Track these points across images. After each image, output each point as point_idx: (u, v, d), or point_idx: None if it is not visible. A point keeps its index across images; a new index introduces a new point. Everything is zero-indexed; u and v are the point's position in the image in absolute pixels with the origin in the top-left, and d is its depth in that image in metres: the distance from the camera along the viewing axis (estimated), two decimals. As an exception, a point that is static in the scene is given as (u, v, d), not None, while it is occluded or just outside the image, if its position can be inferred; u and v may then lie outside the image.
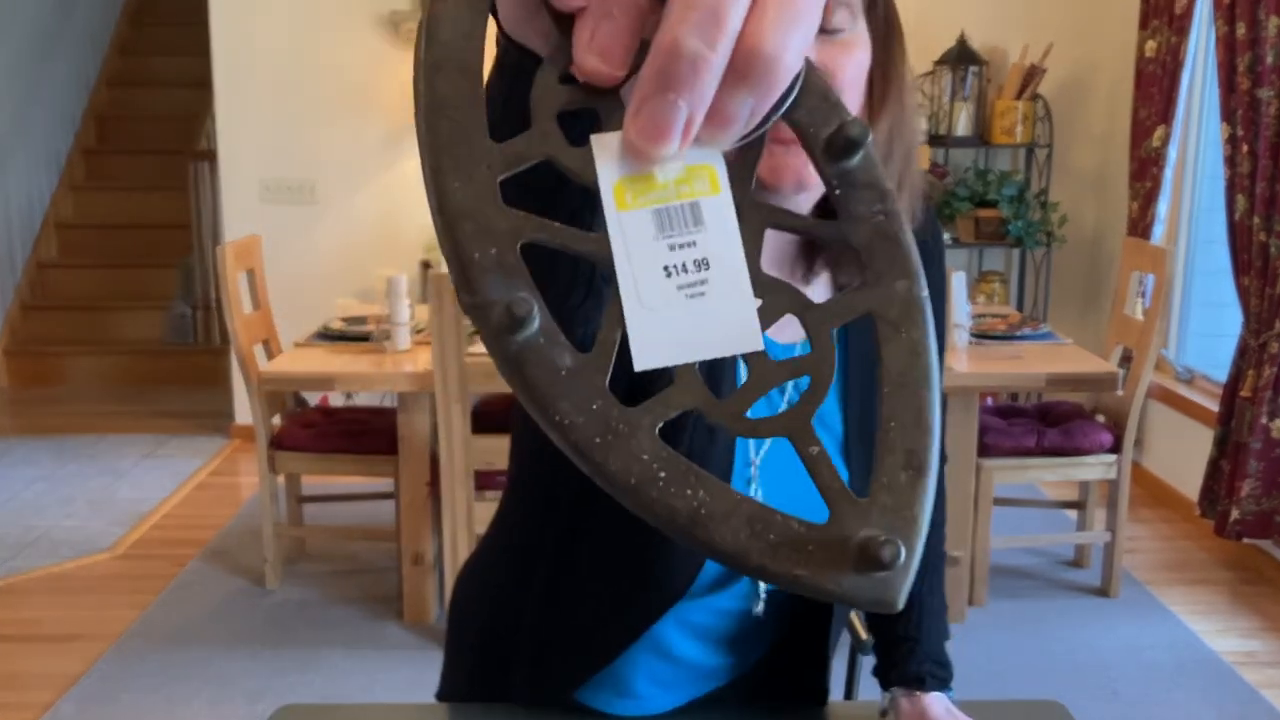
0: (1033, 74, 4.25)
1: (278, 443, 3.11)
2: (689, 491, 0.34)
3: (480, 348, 2.87)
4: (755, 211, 0.37)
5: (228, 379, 4.93)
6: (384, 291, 3.01)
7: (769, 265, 0.93)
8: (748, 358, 0.36)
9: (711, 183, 0.36)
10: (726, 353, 0.35)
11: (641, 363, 0.35)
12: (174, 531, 3.75)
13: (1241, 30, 3.26)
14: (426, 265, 4.31)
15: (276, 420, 3.23)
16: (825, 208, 0.92)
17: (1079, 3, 4.42)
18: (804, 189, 0.88)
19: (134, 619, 3.08)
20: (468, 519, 2.74)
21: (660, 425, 0.35)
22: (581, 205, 0.40)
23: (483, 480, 2.87)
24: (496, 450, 2.70)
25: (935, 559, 1.13)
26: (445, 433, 2.68)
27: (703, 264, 0.35)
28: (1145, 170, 3.97)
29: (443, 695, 1.17)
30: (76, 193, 6.49)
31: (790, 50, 0.33)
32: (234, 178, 4.55)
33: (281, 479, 3.30)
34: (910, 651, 1.08)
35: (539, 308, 0.34)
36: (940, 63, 4.29)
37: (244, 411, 4.63)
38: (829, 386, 0.36)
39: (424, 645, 2.92)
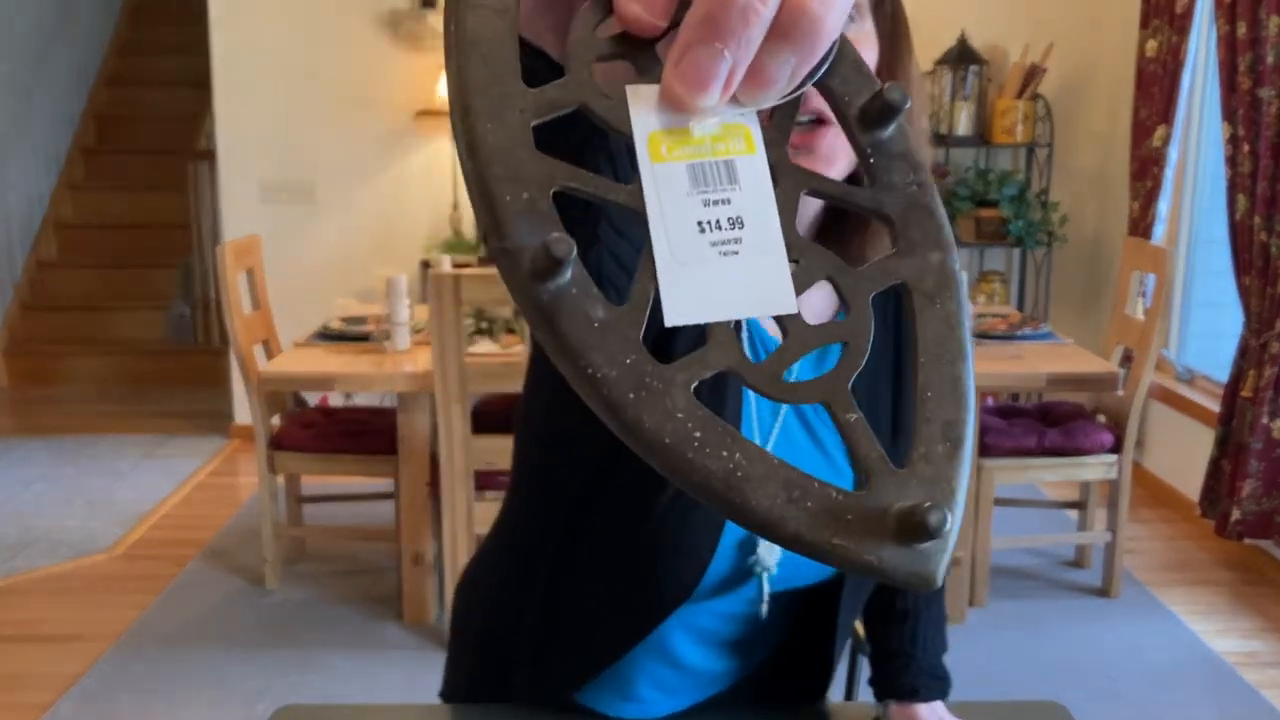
0: (1033, 73, 4.25)
1: (277, 443, 3.10)
2: (725, 453, 0.33)
3: (480, 348, 2.86)
4: (791, 174, 0.36)
5: (227, 379, 4.93)
6: (383, 291, 3.01)
7: None
8: (783, 321, 0.35)
9: (747, 142, 0.35)
10: (759, 313, 0.34)
11: (673, 318, 0.34)
12: (174, 532, 3.75)
13: (1242, 30, 3.26)
14: (426, 265, 4.31)
15: (276, 420, 3.22)
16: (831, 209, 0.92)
17: (1080, 2, 4.42)
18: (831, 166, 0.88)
19: (134, 619, 3.08)
20: (467, 519, 2.74)
21: (695, 384, 0.33)
22: (601, 167, 0.40)
23: (483, 480, 2.86)
24: (496, 450, 2.70)
25: None
26: (445, 433, 2.68)
27: (737, 222, 0.34)
28: (1146, 170, 3.97)
29: (445, 693, 1.17)
30: (76, 192, 6.49)
31: (835, 11, 0.33)
32: (233, 177, 4.54)
33: (281, 479, 3.30)
34: (905, 665, 1.08)
35: (575, 252, 0.32)
36: (941, 62, 4.29)
37: (243, 411, 4.63)
38: (866, 352, 0.35)
39: (424, 645, 2.92)
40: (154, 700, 2.66)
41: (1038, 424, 3.16)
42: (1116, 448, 3.09)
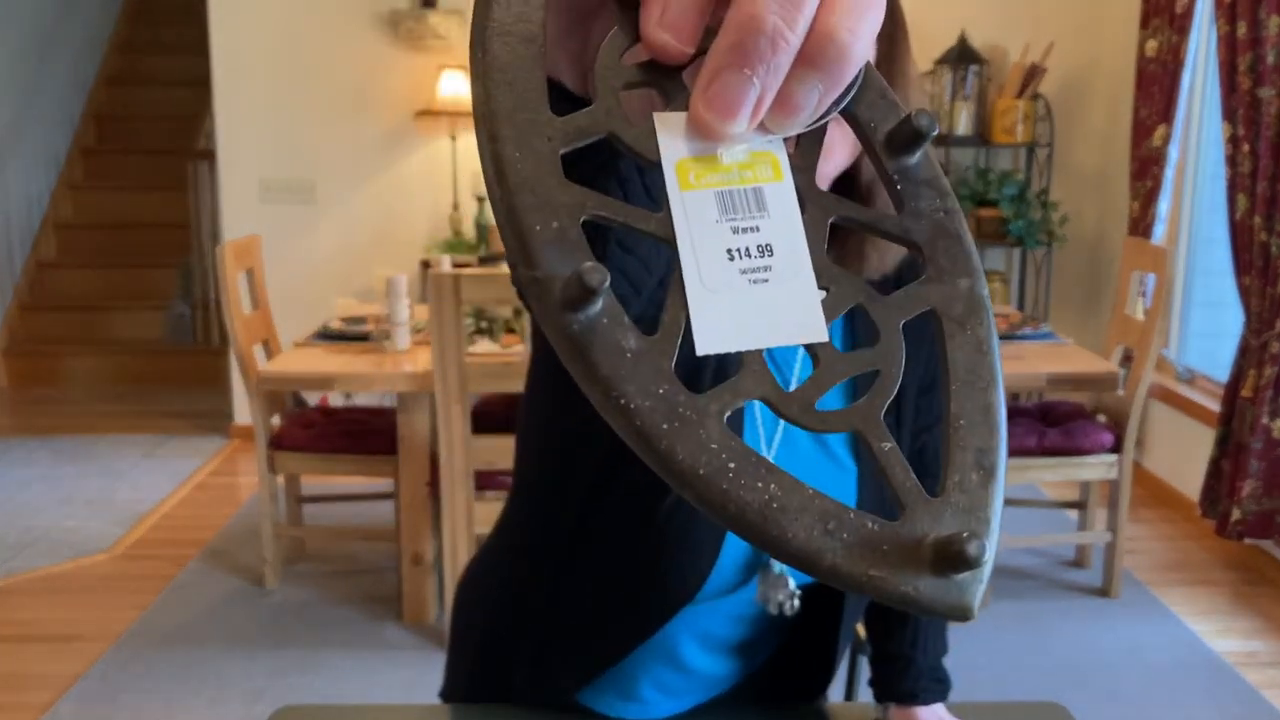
0: (1033, 73, 4.24)
1: (277, 443, 3.10)
2: (760, 484, 0.32)
3: (480, 348, 2.86)
4: (818, 201, 0.36)
5: (227, 379, 4.93)
6: (383, 291, 3.01)
7: None
8: (814, 349, 0.35)
9: (775, 170, 0.35)
10: (790, 341, 0.34)
11: (704, 347, 0.33)
12: (173, 532, 3.75)
13: (1242, 29, 3.26)
14: (426, 265, 4.31)
15: (276, 420, 3.22)
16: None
17: (1080, 2, 4.42)
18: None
19: (133, 619, 3.08)
20: (467, 519, 2.74)
21: (729, 414, 0.33)
22: (612, 190, 0.40)
23: (482, 480, 2.86)
24: (496, 450, 2.70)
25: None
26: (445, 433, 2.68)
27: (766, 250, 0.34)
28: (1146, 170, 3.97)
29: (446, 693, 1.16)
30: (75, 192, 6.49)
31: (861, 39, 0.33)
32: (233, 177, 4.54)
33: (281, 479, 3.30)
34: (904, 669, 1.08)
35: (608, 281, 0.32)
36: (941, 62, 4.29)
37: (243, 411, 4.63)
38: (898, 380, 0.35)
39: (423, 645, 2.91)
40: (153, 700, 2.66)
41: (1038, 424, 3.16)
42: (1117, 448, 3.09)
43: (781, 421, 0.95)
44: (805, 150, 0.37)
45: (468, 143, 4.41)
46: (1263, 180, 3.21)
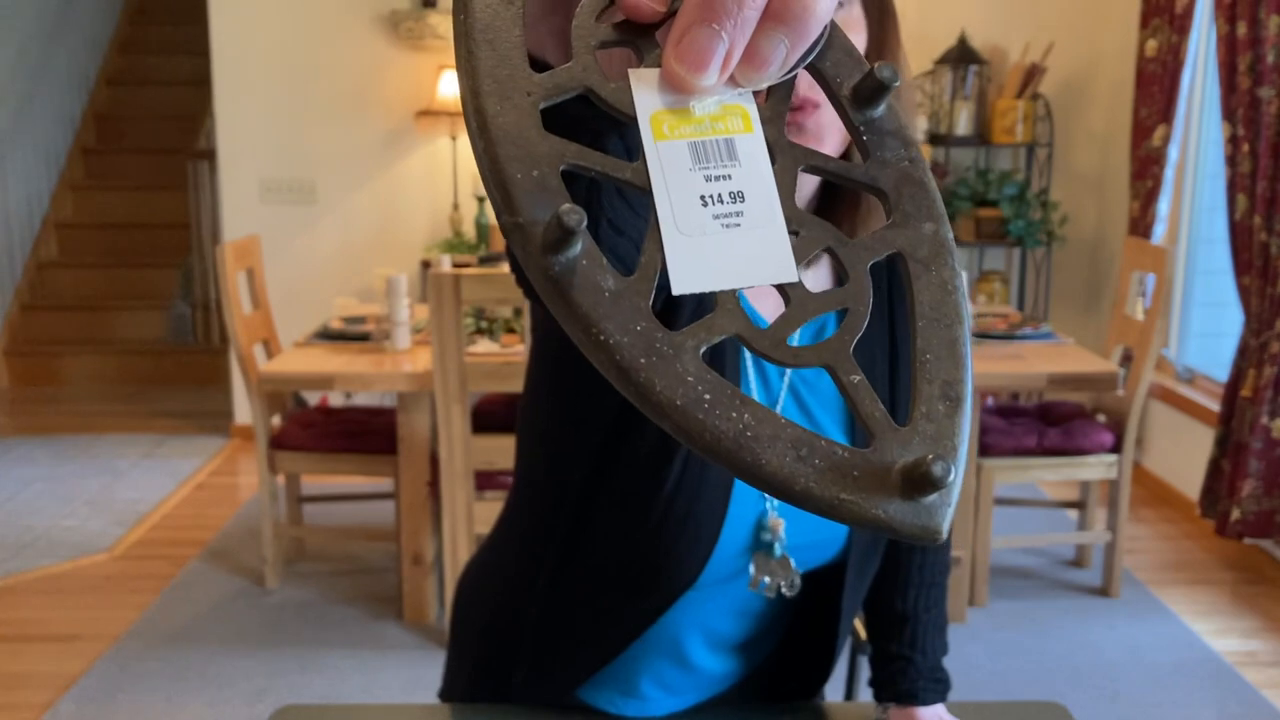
0: (1033, 73, 4.25)
1: (277, 443, 3.10)
2: (734, 414, 0.34)
3: (480, 348, 2.86)
4: (788, 152, 0.38)
5: (227, 379, 4.93)
6: (383, 291, 3.01)
7: None
8: (786, 289, 0.36)
9: (745, 122, 0.37)
10: (762, 282, 0.36)
11: (680, 287, 0.35)
12: (173, 531, 3.75)
13: (1242, 29, 3.26)
14: (426, 265, 4.31)
15: (276, 420, 3.22)
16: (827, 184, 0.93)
17: (1080, 2, 4.42)
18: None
19: (134, 619, 3.08)
20: (468, 519, 2.74)
21: (703, 349, 0.35)
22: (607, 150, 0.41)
23: (482, 480, 2.87)
24: (496, 450, 2.70)
25: (938, 574, 1.12)
26: (445, 432, 2.68)
27: (738, 196, 0.36)
28: (1146, 170, 3.97)
29: (445, 693, 1.16)
30: (76, 192, 6.49)
31: None
32: (233, 177, 4.55)
33: (281, 479, 3.30)
34: (904, 669, 1.08)
35: (586, 223, 0.34)
36: (941, 62, 4.29)
37: (244, 411, 4.63)
38: (866, 317, 0.37)
39: (424, 645, 2.92)
40: (154, 700, 2.66)
41: (1038, 424, 3.16)
42: (1116, 447, 3.09)
43: (779, 409, 0.95)
44: (775, 102, 0.38)
45: (468, 143, 4.41)
46: (1262, 180, 3.21)
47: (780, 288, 0.36)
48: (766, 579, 0.95)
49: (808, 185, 0.93)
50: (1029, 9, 4.40)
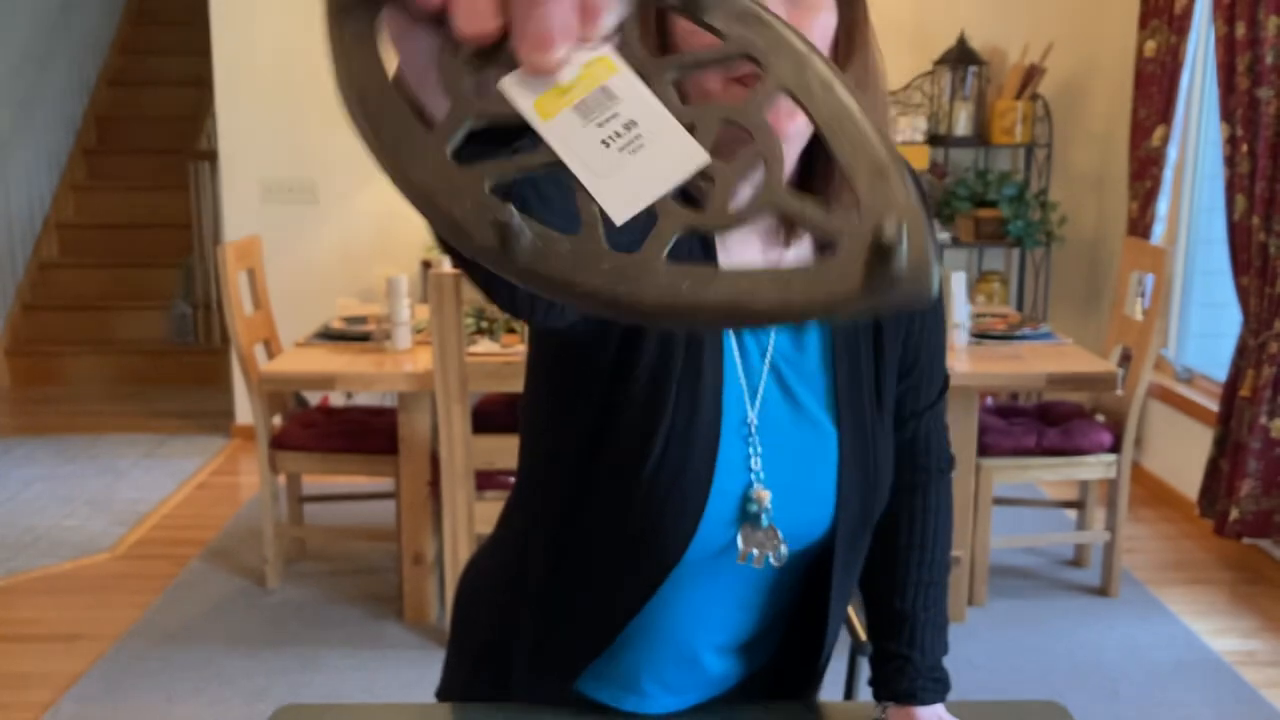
0: (1032, 74, 4.25)
1: (278, 442, 3.11)
2: (718, 283, 0.39)
3: (481, 348, 2.87)
4: (656, 68, 0.42)
5: (228, 379, 4.94)
6: (384, 291, 3.02)
7: (752, 236, 0.95)
8: (705, 170, 0.40)
9: (609, 66, 0.41)
10: (683, 176, 0.40)
11: (620, 216, 0.40)
12: (174, 531, 3.76)
13: (1241, 30, 3.27)
14: (427, 265, 4.32)
15: (277, 420, 3.23)
16: (806, 163, 0.93)
17: (1079, 3, 4.42)
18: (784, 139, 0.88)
19: (134, 619, 3.09)
20: (468, 519, 2.75)
21: (665, 251, 0.40)
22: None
23: (483, 480, 2.87)
24: (497, 450, 2.71)
25: (938, 573, 1.11)
26: (445, 432, 2.69)
27: (631, 125, 0.41)
28: (1145, 170, 3.98)
29: (443, 692, 1.17)
30: (77, 193, 6.50)
31: None
32: (234, 178, 4.55)
33: (282, 479, 3.31)
34: (902, 669, 1.08)
35: (520, 216, 0.40)
36: (940, 62, 4.30)
37: (245, 411, 4.64)
38: (783, 159, 0.41)
39: (425, 645, 2.92)
40: (155, 699, 2.67)
41: (1037, 424, 3.17)
42: (1115, 447, 3.10)
43: (761, 387, 0.96)
44: (626, 34, 0.42)
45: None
46: (1261, 180, 3.22)
47: (705, 172, 0.40)
48: (755, 551, 0.96)
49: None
50: (1028, 10, 4.40)
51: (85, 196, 6.49)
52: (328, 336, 3.16)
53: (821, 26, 0.87)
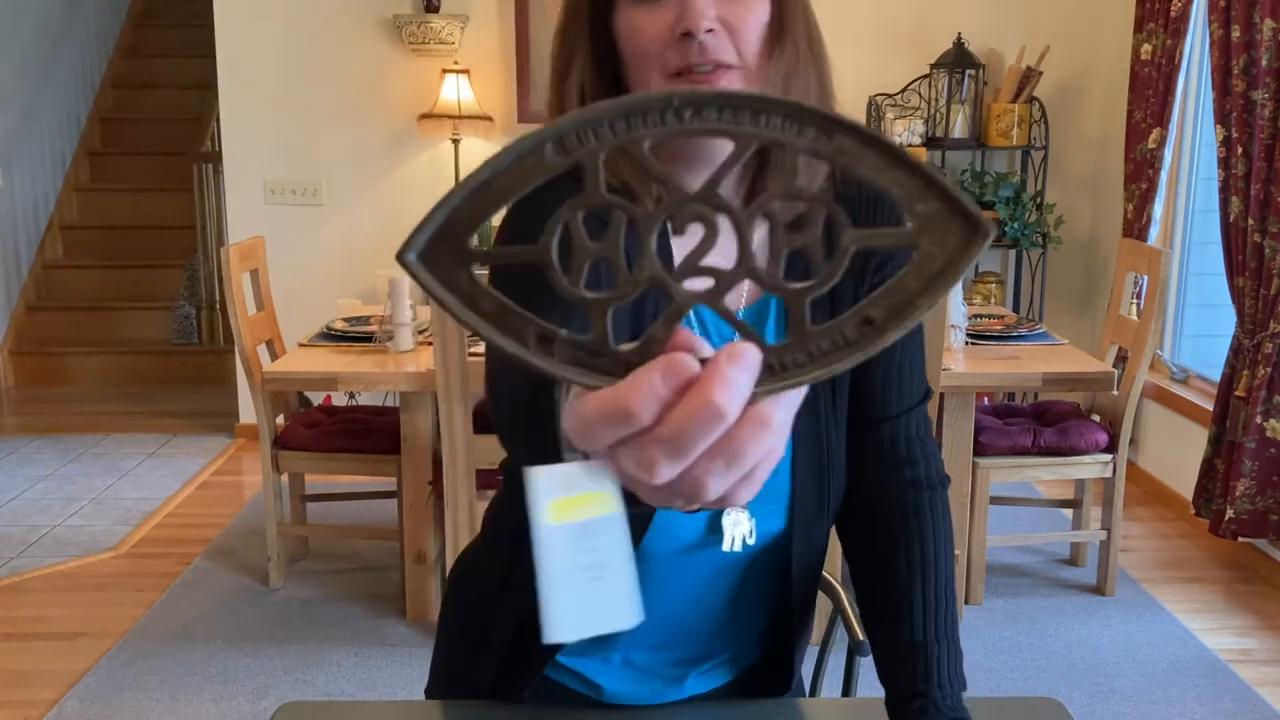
0: (1029, 77, 4.28)
1: (281, 442, 3.13)
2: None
3: (481, 347, 2.90)
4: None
5: (232, 379, 4.96)
6: (386, 292, 3.04)
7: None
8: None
9: (610, 503, 0.47)
10: (609, 630, 0.47)
11: (553, 636, 0.46)
12: (178, 530, 3.78)
13: (1236, 33, 3.29)
14: (428, 266, 4.33)
15: (280, 420, 3.25)
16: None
17: (1075, 6, 4.45)
18: None
19: (138, 617, 3.11)
20: (470, 517, 2.77)
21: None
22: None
23: (484, 479, 2.90)
24: (497, 449, 2.72)
25: (945, 598, 1.04)
26: (447, 432, 2.71)
27: (601, 565, 0.47)
28: (1140, 172, 4.00)
29: (431, 689, 1.19)
30: (81, 194, 6.52)
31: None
32: (238, 179, 4.58)
33: (285, 478, 3.33)
34: (924, 709, 1.01)
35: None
36: (937, 65, 4.32)
37: (248, 411, 4.66)
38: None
39: (426, 643, 2.94)
40: (158, 697, 2.69)
41: (1033, 423, 3.19)
42: (1111, 447, 3.12)
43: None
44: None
45: (470, 145, 4.44)
46: (1256, 183, 3.24)
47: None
48: (734, 535, 1.01)
49: (736, 175, 0.94)
50: (1025, 13, 4.43)
51: (89, 198, 6.51)
52: (330, 337, 3.18)
53: (755, 18, 0.90)
